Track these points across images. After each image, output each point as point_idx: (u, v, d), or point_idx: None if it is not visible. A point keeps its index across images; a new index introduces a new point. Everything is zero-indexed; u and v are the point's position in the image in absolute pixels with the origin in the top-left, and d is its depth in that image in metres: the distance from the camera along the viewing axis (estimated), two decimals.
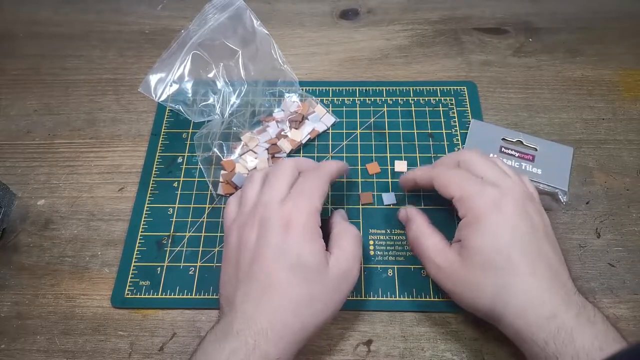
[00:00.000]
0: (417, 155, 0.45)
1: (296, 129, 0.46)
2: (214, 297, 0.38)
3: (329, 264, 0.32)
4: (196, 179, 0.44)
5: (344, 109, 0.48)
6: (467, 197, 0.33)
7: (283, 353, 0.30)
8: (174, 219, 0.42)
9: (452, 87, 0.49)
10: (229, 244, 0.34)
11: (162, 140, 0.47)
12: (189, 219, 0.42)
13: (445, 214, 0.41)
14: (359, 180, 0.44)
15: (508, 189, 0.33)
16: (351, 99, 0.49)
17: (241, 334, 0.29)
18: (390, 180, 0.43)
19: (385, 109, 0.48)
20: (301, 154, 0.45)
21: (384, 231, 0.41)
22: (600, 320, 0.29)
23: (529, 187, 0.36)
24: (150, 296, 0.38)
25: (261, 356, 0.29)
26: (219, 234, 0.41)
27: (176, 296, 0.38)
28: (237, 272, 0.32)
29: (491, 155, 0.43)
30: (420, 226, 0.36)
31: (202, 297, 0.38)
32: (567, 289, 0.31)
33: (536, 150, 0.44)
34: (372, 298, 0.38)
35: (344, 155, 0.45)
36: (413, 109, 0.48)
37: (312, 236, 0.32)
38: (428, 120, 0.47)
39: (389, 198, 0.42)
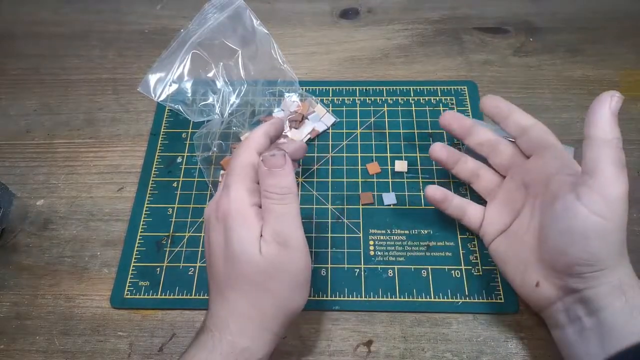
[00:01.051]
0: (418, 155, 0.45)
1: (296, 128, 0.46)
2: None
3: (262, 250, 0.30)
4: (196, 179, 0.44)
5: (344, 108, 0.48)
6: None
7: (252, 342, 0.30)
8: (173, 219, 0.42)
9: (452, 87, 0.49)
10: None
11: (161, 140, 0.47)
12: (189, 219, 0.42)
13: (445, 214, 0.41)
14: (359, 180, 0.43)
15: None
16: (351, 98, 0.49)
17: (208, 328, 0.30)
18: (390, 180, 0.43)
19: (385, 108, 0.48)
20: None
21: (384, 231, 0.41)
22: None
23: None
24: (150, 296, 0.38)
25: (228, 346, 0.29)
26: None
27: (176, 296, 0.38)
28: (208, 274, 0.33)
29: None
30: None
31: (201, 297, 0.38)
32: None
33: None
34: (372, 298, 0.38)
35: (344, 155, 0.45)
36: (413, 108, 0.48)
37: (242, 222, 0.30)
38: (428, 120, 0.47)
39: (389, 198, 0.42)
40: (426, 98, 0.48)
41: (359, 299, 0.38)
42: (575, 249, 0.29)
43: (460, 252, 0.39)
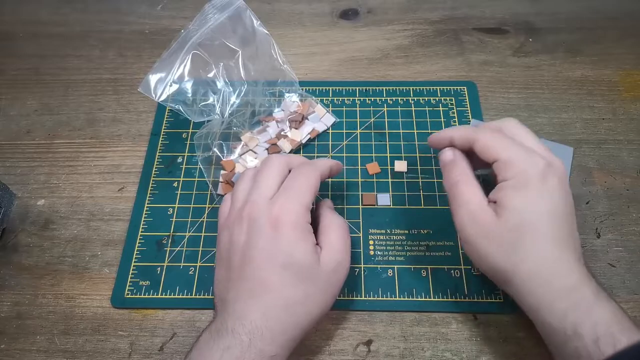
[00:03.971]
0: (417, 155, 0.45)
1: (296, 128, 0.46)
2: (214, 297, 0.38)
3: (321, 261, 0.32)
4: (196, 179, 0.44)
5: (344, 108, 0.48)
6: (516, 161, 0.32)
7: (280, 350, 0.30)
8: (173, 219, 0.42)
9: (452, 87, 0.49)
10: (220, 244, 0.34)
11: (162, 140, 0.47)
12: (189, 219, 0.42)
13: (444, 214, 0.41)
14: (359, 180, 0.44)
15: (555, 164, 0.33)
16: (351, 98, 0.49)
17: (235, 332, 0.29)
18: (390, 180, 0.43)
19: (385, 108, 0.48)
20: (301, 154, 0.45)
21: (384, 231, 0.41)
22: (615, 303, 0.30)
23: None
24: (150, 296, 0.38)
25: (257, 353, 0.29)
26: None
27: (176, 296, 0.38)
28: (229, 272, 0.32)
29: None
30: (463, 172, 0.34)
31: (202, 297, 0.38)
32: (586, 268, 0.31)
33: None
34: (372, 298, 0.38)
35: (344, 155, 0.45)
36: (413, 108, 0.48)
37: (302, 234, 0.32)
38: (428, 120, 0.47)
39: (383, 199, 0.42)
40: (426, 98, 0.48)
41: (358, 298, 0.38)
42: None
43: (460, 251, 0.39)
